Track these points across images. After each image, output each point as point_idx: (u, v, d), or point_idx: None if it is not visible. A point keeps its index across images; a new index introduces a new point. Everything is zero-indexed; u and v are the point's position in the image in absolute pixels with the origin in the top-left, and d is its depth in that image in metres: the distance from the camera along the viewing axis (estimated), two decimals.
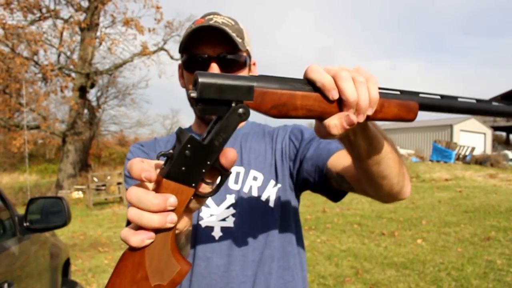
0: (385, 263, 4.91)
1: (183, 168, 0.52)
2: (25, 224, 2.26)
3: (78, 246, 7.01)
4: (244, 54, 0.99)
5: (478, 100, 0.69)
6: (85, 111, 18.98)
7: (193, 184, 0.53)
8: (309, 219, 7.76)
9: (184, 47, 0.96)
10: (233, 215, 0.95)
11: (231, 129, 0.53)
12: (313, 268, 4.78)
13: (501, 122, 29.09)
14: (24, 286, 2.03)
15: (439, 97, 0.64)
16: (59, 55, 16.87)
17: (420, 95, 0.63)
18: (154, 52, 18.47)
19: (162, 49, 18.94)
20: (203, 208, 0.95)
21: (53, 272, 2.61)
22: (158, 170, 0.54)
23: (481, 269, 4.49)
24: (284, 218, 0.98)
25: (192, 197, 0.54)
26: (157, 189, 0.52)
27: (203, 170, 0.53)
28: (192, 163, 0.52)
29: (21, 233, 2.25)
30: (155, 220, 0.51)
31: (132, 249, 0.56)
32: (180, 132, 0.53)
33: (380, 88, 0.60)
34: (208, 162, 0.53)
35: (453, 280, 4.21)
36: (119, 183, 14.30)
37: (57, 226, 2.33)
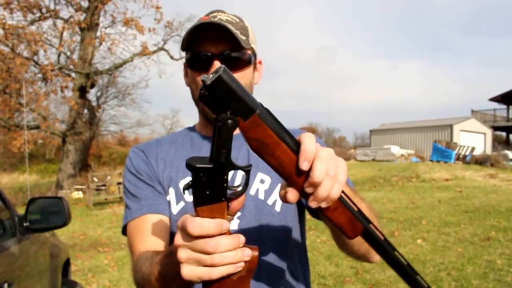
0: (385, 263, 4.92)
1: (208, 192, 0.57)
2: (25, 224, 2.26)
3: (78, 246, 7.01)
4: (249, 52, 0.97)
5: (409, 267, 0.73)
6: (85, 111, 18.98)
7: (223, 198, 0.58)
8: (309, 219, 7.74)
9: (187, 45, 0.94)
10: (238, 217, 0.93)
11: (228, 142, 0.56)
12: (313, 268, 4.78)
13: (501, 122, 29.10)
14: (24, 286, 2.03)
15: (382, 237, 0.68)
16: (59, 55, 16.87)
17: (370, 225, 0.67)
18: (154, 52, 18.47)
19: (162, 49, 18.95)
20: None
21: (53, 272, 2.61)
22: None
23: (481, 269, 4.49)
24: (289, 224, 0.97)
25: (229, 204, 0.60)
26: None
27: (225, 184, 0.58)
28: (212, 185, 0.57)
29: (21, 233, 2.25)
30: (230, 256, 0.58)
31: None
32: (188, 165, 0.57)
33: (345, 194, 0.64)
34: (225, 177, 0.57)
35: (453, 280, 4.21)
36: (119, 183, 14.31)
37: (57, 226, 2.33)
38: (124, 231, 0.97)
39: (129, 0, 30.06)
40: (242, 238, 0.59)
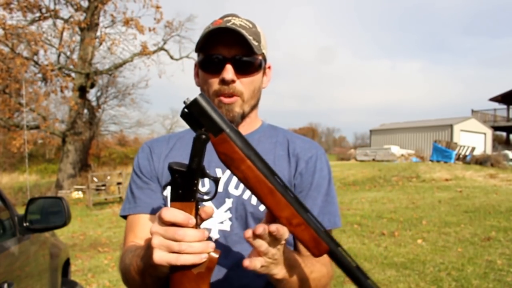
0: (385, 263, 4.91)
1: (180, 191, 0.70)
2: (25, 224, 2.26)
3: (78, 246, 7.01)
4: (260, 57, 0.99)
5: None
6: (85, 111, 18.97)
7: (192, 199, 0.70)
8: None
9: (201, 47, 0.97)
10: (230, 219, 0.97)
11: (200, 153, 0.70)
12: None
13: (501, 122, 29.10)
14: (24, 286, 2.03)
15: (354, 265, 0.73)
16: (59, 55, 16.87)
17: (339, 248, 0.74)
18: (154, 52, 18.46)
19: (162, 49, 18.94)
20: None
21: (53, 272, 2.61)
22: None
23: (482, 269, 4.49)
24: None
25: (199, 207, 0.72)
26: None
27: (194, 188, 0.70)
28: (184, 185, 0.70)
29: (21, 233, 2.24)
30: (197, 246, 0.69)
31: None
32: (168, 166, 0.71)
33: (309, 215, 0.72)
34: (195, 181, 0.70)
35: (453, 280, 4.21)
36: (119, 183, 14.31)
37: (57, 226, 2.33)
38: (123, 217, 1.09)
39: (129, 0, 30.03)
40: (207, 233, 0.70)
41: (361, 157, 22.55)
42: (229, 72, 0.94)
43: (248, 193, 0.99)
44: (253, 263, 0.72)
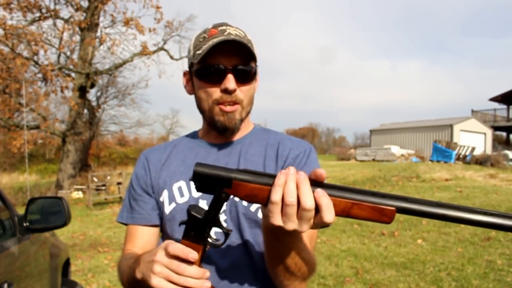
0: (385, 263, 4.91)
1: (192, 233, 0.78)
2: (25, 224, 2.26)
3: (78, 246, 7.01)
4: (254, 65, 1.03)
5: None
6: (85, 111, 18.97)
7: (201, 243, 0.78)
8: None
9: (200, 57, 0.99)
10: (225, 220, 1.00)
11: (218, 207, 0.76)
12: None
13: (501, 122, 29.09)
14: (24, 286, 2.03)
15: (432, 204, 0.69)
16: (59, 55, 16.85)
17: (406, 201, 0.70)
18: (154, 52, 18.46)
19: (162, 49, 18.93)
20: None
21: (53, 272, 2.61)
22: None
23: (481, 269, 4.49)
24: None
25: (206, 250, 0.79)
26: None
27: (205, 235, 0.77)
28: (197, 229, 0.77)
29: (21, 233, 2.24)
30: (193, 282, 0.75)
31: None
32: (189, 209, 0.78)
33: (355, 192, 0.70)
34: (207, 230, 0.78)
35: (453, 280, 4.21)
36: (119, 183, 14.30)
37: (56, 226, 2.33)
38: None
39: (129, 0, 30.05)
40: (207, 274, 0.76)
41: (361, 157, 22.55)
42: (231, 82, 0.97)
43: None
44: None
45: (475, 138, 25.12)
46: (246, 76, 1.00)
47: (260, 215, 1.00)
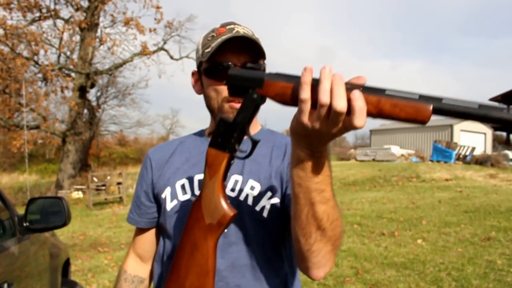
0: (385, 263, 4.91)
1: (219, 139, 0.77)
2: (24, 224, 2.26)
3: (78, 246, 7.01)
4: (263, 63, 1.04)
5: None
6: (85, 111, 18.96)
7: (227, 150, 0.77)
8: None
9: (209, 56, 0.99)
10: None
11: (248, 109, 0.74)
12: None
13: None
14: (24, 286, 2.03)
15: (474, 105, 0.63)
16: (59, 55, 16.85)
17: (442, 100, 0.64)
18: (154, 52, 18.46)
19: (162, 49, 18.93)
20: None
21: (53, 272, 2.61)
22: None
23: (482, 269, 4.49)
24: (275, 230, 1.00)
25: (232, 161, 0.79)
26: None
27: (232, 140, 0.76)
28: (224, 135, 0.77)
29: (21, 233, 2.24)
30: None
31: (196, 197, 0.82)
32: (219, 118, 0.78)
33: (391, 92, 0.65)
34: (234, 134, 0.76)
35: (453, 280, 4.21)
36: (119, 183, 14.30)
37: (56, 226, 2.33)
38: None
39: (129, 0, 30.05)
40: None
41: (361, 157, 22.55)
42: None
43: (244, 194, 1.00)
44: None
45: (475, 138, 25.12)
46: None
47: (265, 214, 0.99)
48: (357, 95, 0.62)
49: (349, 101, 0.62)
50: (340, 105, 0.61)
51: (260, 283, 0.98)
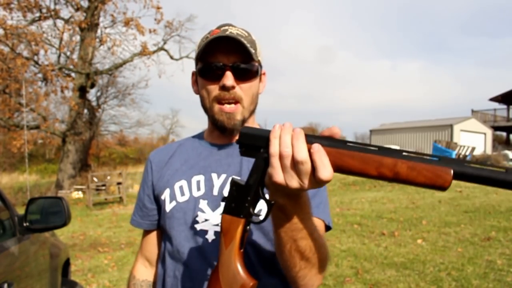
0: (385, 263, 4.91)
1: (233, 205, 0.74)
2: (24, 224, 2.26)
3: (78, 246, 7.01)
4: (256, 64, 1.04)
5: None
6: (85, 111, 18.96)
7: (241, 215, 0.73)
8: None
9: (201, 56, 1.02)
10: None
11: (260, 169, 0.71)
12: None
13: (502, 122, 29.08)
14: (24, 286, 2.03)
15: (502, 170, 0.58)
16: (59, 55, 16.85)
17: (465, 164, 0.60)
18: (154, 52, 18.46)
19: (162, 49, 18.93)
20: (199, 213, 1.03)
21: (53, 272, 2.61)
22: None
23: (482, 269, 4.49)
24: (271, 233, 1.01)
25: (248, 227, 0.76)
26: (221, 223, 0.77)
27: (247, 204, 0.73)
28: (237, 199, 0.73)
29: (21, 233, 2.24)
30: None
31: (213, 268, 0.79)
32: (231, 179, 0.75)
33: (408, 153, 0.63)
34: (249, 198, 0.73)
35: (453, 280, 4.21)
36: (119, 183, 14.30)
37: (56, 226, 2.33)
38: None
39: (130, 0, 30.05)
40: None
41: None
42: (229, 78, 0.99)
43: None
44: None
45: (475, 138, 25.11)
46: (246, 73, 1.01)
47: (262, 217, 0.99)
48: (316, 148, 0.65)
49: (311, 154, 0.65)
50: (299, 155, 0.65)
51: (259, 283, 0.98)
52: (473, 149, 19.61)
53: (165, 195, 1.08)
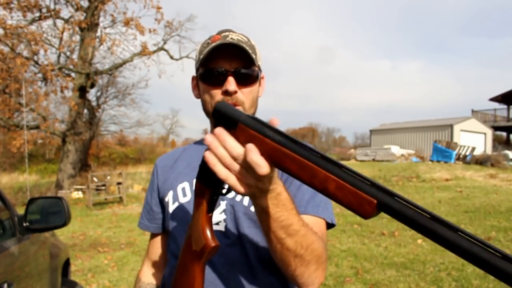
0: (385, 263, 4.91)
1: (204, 174, 0.81)
2: (24, 224, 2.26)
3: (78, 246, 7.01)
4: (257, 69, 1.07)
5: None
6: (85, 111, 18.95)
7: (209, 186, 0.81)
8: None
9: (203, 62, 1.05)
10: (224, 220, 1.04)
11: None
12: None
13: (502, 122, 29.09)
14: (23, 286, 2.03)
15: (426, 216, 0.54)
16: (59, 55, 16.84)
17: (395, 197, 0.56)
18: (154, 52, 18.44)
19: (162, 49, 18.91)
20: None
21: (52, 272, 2.61)
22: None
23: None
24: None
25: (215, 197, 0.83)
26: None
27: (214, 176, 0.73)
28: (208, 170, 0.75)
29: (21, 233, 2.24)
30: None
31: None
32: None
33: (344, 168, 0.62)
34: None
35: (453, 280, 4.21)
36: (119, 183, 14.29)
37: (56, 226, 2.33)
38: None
39: (130, 0, 30.04)
40: None
41: (361, 157, 22.55)
42: (232, 83, 1.02)
43: (240, 195, 1.04)
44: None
45: (475, 138, 25.11)
46: (247, 78, 1.05)
47: None
48: (249, 147, 0.68)
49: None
50: (234, 151, 0.69)
51: (258, 281, 1.01)
52: (473, 149, 19.62)
53: (169, 197, 1.12)
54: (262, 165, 0.66)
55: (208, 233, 0.82)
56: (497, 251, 0.49)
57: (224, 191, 0.82)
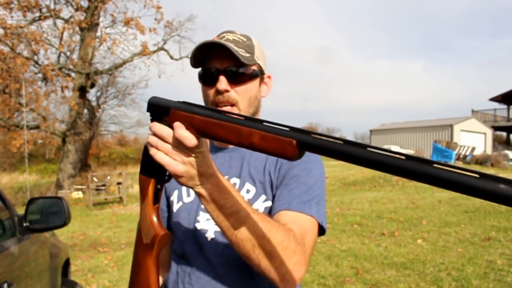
0: (385, 263, 4.91)
1: (146, 166, 0.82)
2: (24, 224, 2.26)
3: (78, 246, 7.01)
4: (253, 67, 1.07)
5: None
6: (85, 111, 18.95)
7: (152, 176, 0.82)
8: None
9: (199, 62, 1.07)
10: None
11: None
12: (313, 268, 4.77)
13: (502, 122, 29.08)
14: (23, 286, 2.03)
15: (340, 141, 0.59)
16: (59, 55, 16.84)
17: (311, 135, 0.62)
18: (154, 52, 18.45)
19: (162, 49, 18.92)
20: (201, 212, 1.07)
21: (52, 272, 2.61)
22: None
23: (482, 269, 4.48)
24: None
25: (158, 186, 0.83)
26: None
27: (157, 165, 0.76)
28: (149, 161, 0.78)
29: (21, 233, 2.24)
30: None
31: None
32: (145, 146, 0.81)
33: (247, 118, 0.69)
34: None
35: (453, 280, 4.21)
36: (119, 183, 14.30)
37: (56, 226, 2.33)
38: None
39: (130, 0, 30.02)
40: None
41: None
42: (222, 82, 1.03)
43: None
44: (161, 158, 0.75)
45: (475, 138, 25.11)
46: (240, 77, 1.05)
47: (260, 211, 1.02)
48: (175, 124, 0.73)
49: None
50: (162, 133, 0.74)
51: (256, 281, 1.01)
52: (473, 149, 19.62)
53: (174, 197, 1.13)
54: (188, 137, 0.71)
55: (156, 223, 0.83)
56: (398, 153, 0.54)
57: (166, 178, 0.83)
